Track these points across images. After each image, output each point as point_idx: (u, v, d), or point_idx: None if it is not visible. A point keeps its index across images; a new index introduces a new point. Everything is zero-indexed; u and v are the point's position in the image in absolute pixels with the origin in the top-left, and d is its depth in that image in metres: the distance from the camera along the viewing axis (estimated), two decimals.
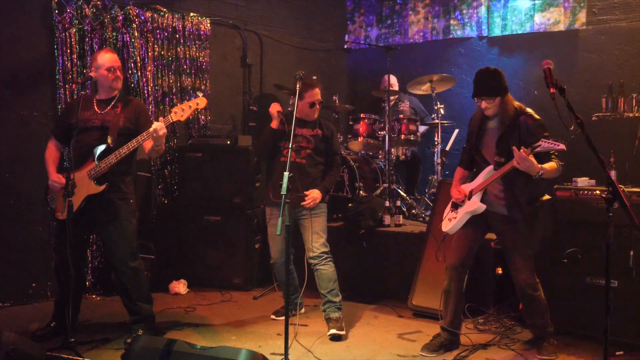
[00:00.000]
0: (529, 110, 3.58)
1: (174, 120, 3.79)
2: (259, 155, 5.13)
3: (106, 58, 3.90)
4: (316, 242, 4.18)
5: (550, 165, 3.42)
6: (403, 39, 7.08)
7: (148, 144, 3.81)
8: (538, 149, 3.27)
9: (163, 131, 3.68)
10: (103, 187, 3.78)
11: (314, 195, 4.19)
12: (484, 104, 3.58)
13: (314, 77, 6.23)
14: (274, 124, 4.28)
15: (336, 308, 4.19)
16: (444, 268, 3.85)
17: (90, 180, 3.76)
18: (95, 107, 3.90)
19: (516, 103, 3.61)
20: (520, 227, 3.59)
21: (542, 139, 3.27)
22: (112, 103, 3.93)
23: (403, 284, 4.82)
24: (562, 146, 3.23)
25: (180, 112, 3.79)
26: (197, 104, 3.84)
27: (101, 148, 3.76)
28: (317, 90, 4.34)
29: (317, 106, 4.35)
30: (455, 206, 3.82)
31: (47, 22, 4.90)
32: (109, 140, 3.77)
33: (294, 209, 4.20)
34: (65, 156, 4.52)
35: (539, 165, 3.34)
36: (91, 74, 3.92)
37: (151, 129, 3.65)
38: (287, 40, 6.90)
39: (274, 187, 4.24)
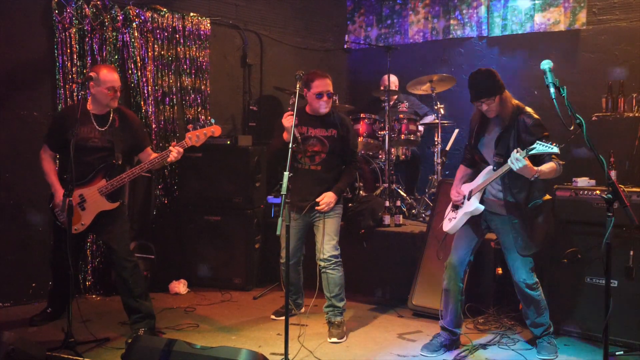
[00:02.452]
0: (528, 109, 3.56)
1: (189, 145, 3.98)
2: (271, 163, 5.10)
3: (109, 77, 3.90)
4: (327, 245, 4.10)
5: (549, 166, 3.39)
6: (403, 39, 7.09)
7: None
8: (533, 152, 3.24)
9: (178, 158, 3.94)
10: (117, 204, 3.95)
11: (327, 200, 4.07)
12: (484, 107, 3.53)
13: None
14: (286, 137, 4.01)
15: (339, 313, 4.17)
16: (444, 267, 3.85)
17: (102, 196, 3.89)
18: (95, 123, 3.94)
19: (514, 101, 3.58)
20: (519, 227, 3.58)
21: (537, 141, 3.23)
22: (110, 120, 3.99)
23: (403, 284, 4.82)
24: (555, 149, 3.19)
25: (195, 138, 3.97)
26: (213, 132, 4.01)
27: (109, 166, 3.91)
28: (327, 82, 4.07)
29: (325, 98, 4.05)
30: (456, 206, 3.82)
31: (47, 22, 4.90)
32: (120, 161, 3.95)
33: (308, 213, 4.15)
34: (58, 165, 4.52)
35: (535, 168, 3.31)
36: (90, 88, 3.93)
37: (172, 157, 3.88)
38: (287, 40, 6.90)
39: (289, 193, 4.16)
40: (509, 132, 3.52)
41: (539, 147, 3.22)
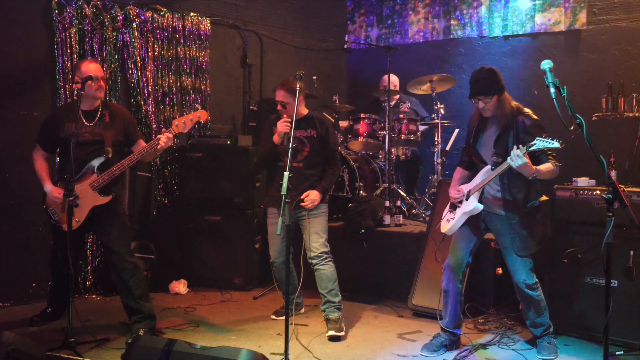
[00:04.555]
0: (526, 110, 3.57)
1: (177, 132, 3.94)
2: (257, 168, 5.15)
3: (90, 68, 3.91)
4: (315, 242, 4.16)
5: (546, 166, 3.40)
6: (403, 39, 7.09)
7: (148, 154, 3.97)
8: (533, 147, 3.25)
9: (169, 143, 3.87)
10: (109, 198, 3.92)
11: (312, 197, 4.14)
12: (481, 104, 3.56)
13: (314, 77, 6.23)
14: (277, 139, 4.12)
15: (335, 308, 4.18)
16: (442, 268, 3.85)
17: (94, 191, 3.86)
18: (83, 120, 3.93)
19: (514, 103, 3.60)
20: (517, 228, 3.58)
21: (537, 138, 3.25)
22: (99, 114, 3.99)
23: (403, 284, 4.82)
24: (556, 144, 3.20)
25: (182, 125, 3.93)
26: (199, 117, 3.99)
27: (100, 160, 3.88)
28: (281, 92, 4.15)
29: (279, 106, 4.17)
30: (453, 207, 3.82)
31: (47, 22, 4.90)
32: (110, 155, 3.89)
33: (294, 211, 4.18)
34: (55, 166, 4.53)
35: (534, 167, 3.32)
36: (77, 81, 3.93)
37: (161, 144, 3.82)
38: (287, 40, 6.90)
39: (272, 189, 4.23)
40: (507, 132, 3.53)
41: (539, 143, 3.23)
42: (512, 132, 3.51)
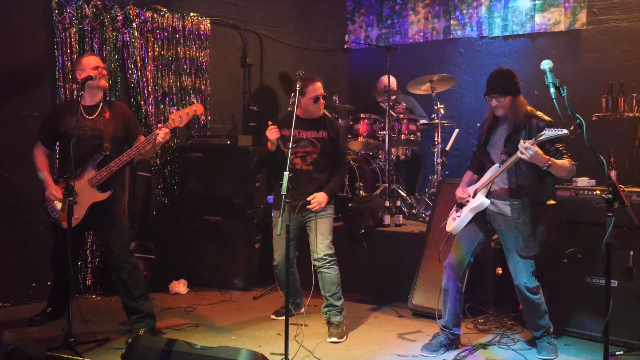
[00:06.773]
0: (539, 113, 3.59)
1: (173, 127, 3.94)
2: (257, 168, 5.20)
3: (90, 60, 3.95)
4: (321, 244, 4.13)
5: (562, 162, 3.40)
6: (403, 39, 7.09)
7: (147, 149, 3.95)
8: (542, 137, 3.28)
9: (167, 138, 3.87)
10: (108, 194, 3.90)
11: (318, 199, 4.10)
12: (494, 102, 3.59)
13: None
14: (270, 147, 4.12)
15: (337, 312, 4.17)
16: (443, 267, 3.85)
17: (92, 188, 3.85)
18: (84, 114, 3.92)
19: (529, 107, 3.62)
20: (522, 228, 3.57)
21: (546, 128, 3.28)
22: (99, 109, 3.98)
23: (403, 284, 4.82)
24: (565, 131, 3.20)
25: (179, 119, 3.94)
26: (195, 110, 4.00)
27: (98, 157, 3.87)
28: (319, 84, 4.18)
29: (322, 101, 4.20)
30: (460, 206, 3.82)
31: (47, 22, 4.90)
32: (108, 151, 3.88)
33: (300, 213, 4.16)
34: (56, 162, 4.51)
35: (546, 156, 3.33)
36: (77, 76, 3.94)
37: (159, 139, 3.81)
38: (287, 40, 6.90)
39: (278, 192, 4.21)
40: (519, 131, 3.55)
41: (548, 133, 3.26)
42: (523, 133, 3.52)
